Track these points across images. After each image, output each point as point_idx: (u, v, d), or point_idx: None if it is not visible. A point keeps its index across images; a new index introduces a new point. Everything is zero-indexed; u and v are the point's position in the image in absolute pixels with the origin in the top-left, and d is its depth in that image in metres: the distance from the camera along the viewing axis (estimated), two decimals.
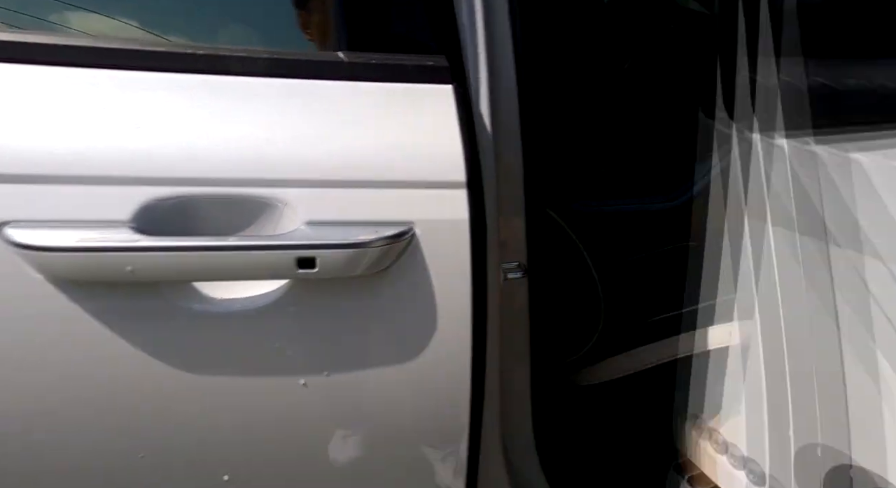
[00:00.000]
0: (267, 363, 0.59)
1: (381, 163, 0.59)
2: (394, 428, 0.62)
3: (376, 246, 0.56)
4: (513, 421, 0.78)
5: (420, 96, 0.61)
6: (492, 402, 0.67)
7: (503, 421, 0.77)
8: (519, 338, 0.73)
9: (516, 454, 0.79)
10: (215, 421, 0.60)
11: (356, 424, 0.62)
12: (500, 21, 0.64)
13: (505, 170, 0.67)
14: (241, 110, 0.59)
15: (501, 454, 0.74)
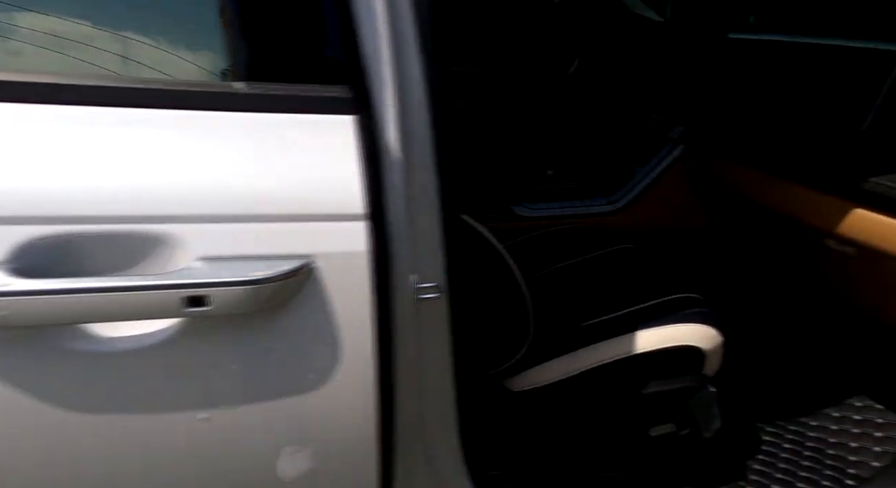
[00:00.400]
0: (164, 399, 0.57)
1: (279, 196, 0.58)
2: (301, 460, 0.61)
3: (272, 282, 0.54)
4: (439, 435, 0.78)
5: (321, 127, 0.60)
6: (412, 420, 0.67)
7: (428, 435, 0.78)
8: (441, 355, 0.73)
9: (443, 465, 0.80)
10: (113, 461, 0.58)
11: (261, 459, 0.61)
12: (409, 51, 0.63)
13: (419, 194, 0.66)
14: (130, 143, 0.56)
15: (426, 466, 0.74)
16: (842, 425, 1.34)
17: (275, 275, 0.54)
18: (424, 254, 0.68)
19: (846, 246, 1.10)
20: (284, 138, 0.59)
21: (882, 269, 1.06)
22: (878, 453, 1.25)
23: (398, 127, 0.63)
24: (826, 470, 1.24)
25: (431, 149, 0.67)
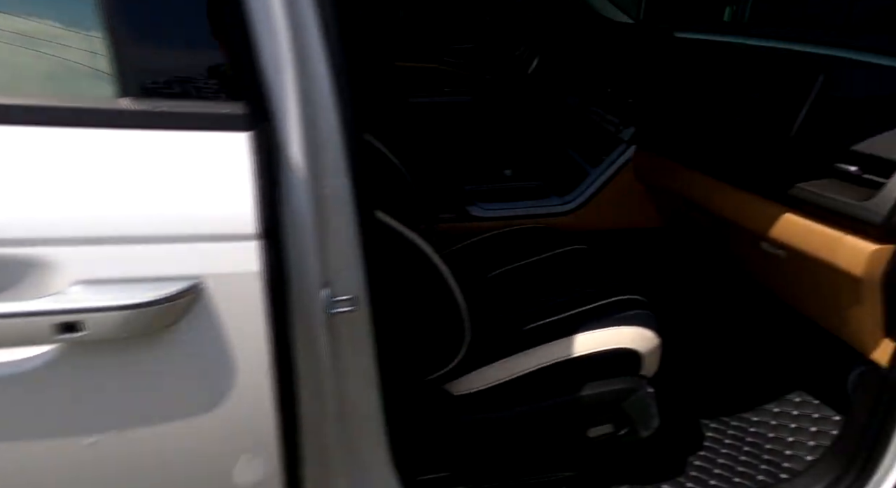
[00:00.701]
0: (45, 425, 0.57)
1: (165, 217, 0.57)
2: (198, 480, 0.62)
3: (152, 306, 0.54)
4: (367, 448, 0.80)
5: (211, 145, 0.59)
6: (323, 438, 0.68)
7: (355, 448, 0.79)
8: (364, 367, 0.74)
9: (374, 479, 0.81)
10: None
11: (154, 485, 0.61)
12: (314, 58, 0.62)
13: (330, 206, 0.66)
14: (2, 162, 0.55)
15: (348, 477, 0.75)
16: (780, 420, 1.38)
17: (155, 298, 0.54)
18: (338, 267, 0.68)
19: (778, 249, 1.13)
20: (170, 157, 0.58)
21: (810, 273, 1.09)
22: (812, 447, 1.30)
23: (303, 139, 0.62)
24: (762, 464, 1.29)
25: (344, 159, 0.66)
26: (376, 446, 0.80)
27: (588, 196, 1.63)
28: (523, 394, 1.08)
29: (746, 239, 1.23)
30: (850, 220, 0.95)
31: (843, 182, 0.99)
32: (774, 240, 1.12)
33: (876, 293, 0.97)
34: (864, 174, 0.95)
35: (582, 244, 1.52)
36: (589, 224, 1.67)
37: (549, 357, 1.08)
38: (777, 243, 1.12)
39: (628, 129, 1.57)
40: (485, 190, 1.76)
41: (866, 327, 1.02)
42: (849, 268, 0.97)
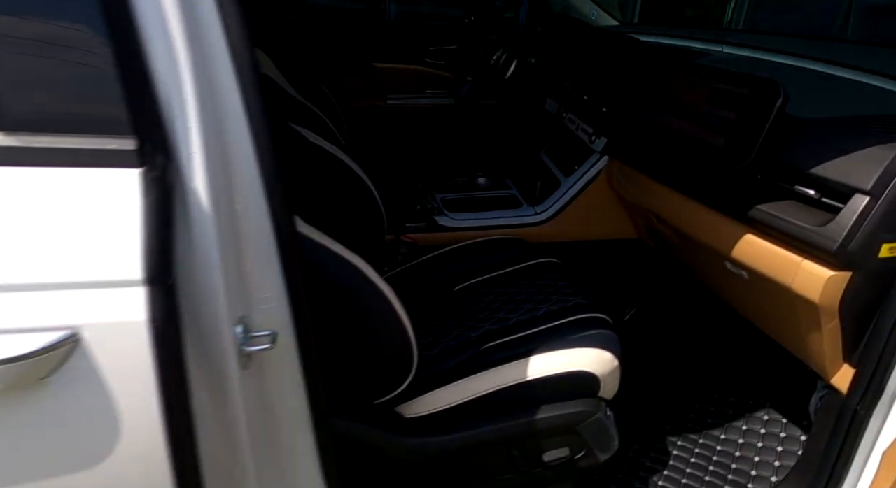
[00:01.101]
0: None
1: (40, 262, 0.53)
2: None
3: (21, 359, 0.50)
4: (301, 482, 0.78)
5: (97, 183, 0.55)
6: None
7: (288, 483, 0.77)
8: (294, 402, 0.72)
9: None
10: None
11: None
12: (222, 79, 0.59)
13: (246, 235, 0.63)
14: None
15: None
16: (747, 438, 1.37)
17: (22, 353, 0.51)
18: (256, 300, 0.65)
19: (741, 270, 1.11)
20: (48, 196, 0.54)
21: (771, 295, 1.07)
22: (777, 467, 1.28)
23: (210, 173, 0.59)
24: (727, 485, 1.27)
25: (261, 187, 0.63)
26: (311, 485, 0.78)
27: (560, 206, 1.60)
28: (476, 417, 1.06)
29: (711, 257, 1.21)
30: (807, 245, 0.92)
31: (803, 204, 0.96)
32: (736, 260, 1.09)
33: (834, 320, 0.95)
34: (823, 198, 0.92)
35: (553, 256, 1.49)
36: (561, 235, 1.64)
37: (504, 379, 1.06)
38: (739, 264, 1.10)
39: (601, 139, 1.54)
40: (456, 199, 1.73)
41: (826, 352, 1.00)
42: (806, 294, 0.94)
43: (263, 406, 0.69)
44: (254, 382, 0.66)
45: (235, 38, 0.60)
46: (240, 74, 0.60)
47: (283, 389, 0.71)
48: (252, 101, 0.62)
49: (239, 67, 0.60)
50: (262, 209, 0.63)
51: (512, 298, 1.32)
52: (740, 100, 1.01)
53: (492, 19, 2.16)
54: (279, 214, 0.65)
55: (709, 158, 1.06)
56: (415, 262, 1.50)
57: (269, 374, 0.68)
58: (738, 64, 1.48)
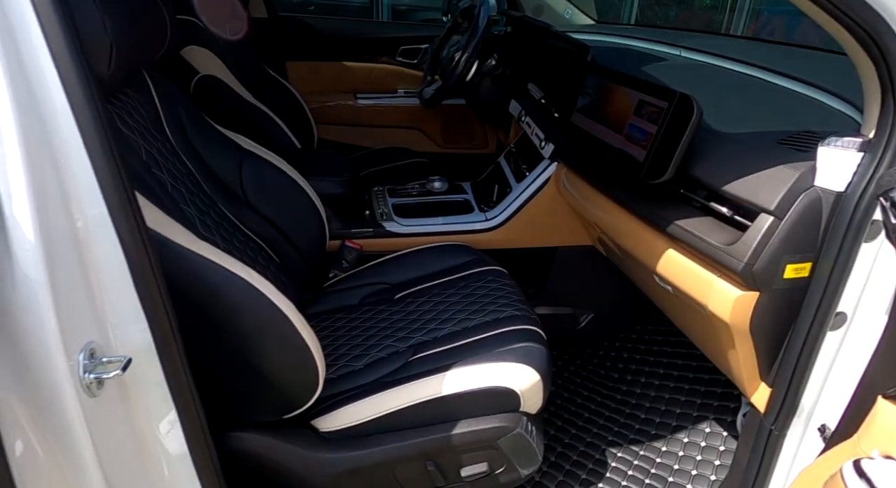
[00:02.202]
0: None
1: None
2: None
3: None
4: None
5: None
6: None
7: None
8: (163, 423, 0.71)
9: None
10: None
11: None
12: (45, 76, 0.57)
13: (92, 257, 0.60)
14: None
15: None
16: (688, 451, 1.35)
17: None
18: (111, 324, 0.64)
19: (666, 284, 1.09)
20: None
21: (693, 311, 1.05)
22: (713, 481, 1.27)
23: (30, 180, 0.55)
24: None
25: (102, 200, 0.61)
26: None
27: (510, 213, 1.59)
28: (393, 432, 1.05)
29: (644, 270, 1.19)
30: (718, 264, 0.91)
31: (719, 221, 0.94)
32: (660, 275, 1.08)
33: (747, 339, 0.93)
34: (735, 216, 0.90)
35: (505, 263, 1.48)
36: (511, 241, 1.62)
37: (423, 394, 1.05)
38: (663, 278, 1.08)
39: (550, 145, 1.52)
40: (408, 203, 1.72)
41: (743, 371, 0.98)
42: (718, 314, 0.93)
43: (131, 432, 0.68)
44: (113, 409, 0.65)
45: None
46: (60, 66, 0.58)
47: (151, 412, 0.70)
48: (81, 102, 0.59)
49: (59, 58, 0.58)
50: (107, 224, 0.62)
51: (448, 307, 1.31)
52: (660, 114, 0.99)
53: (463, 19, 2.14)
54: (127, 230, 0.63)
55: (633, 171, 1.04)
56: (359, 269, 1.49)
57: (134, 398, 0.68)
58: (687, 70, 1.45)
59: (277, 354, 0.90)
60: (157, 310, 0.66)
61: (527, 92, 1.90)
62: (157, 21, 1.01)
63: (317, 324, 1.34)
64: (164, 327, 0.68)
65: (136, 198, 0.64)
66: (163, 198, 0.95)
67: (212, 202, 1.16)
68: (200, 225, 1.05)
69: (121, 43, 0.82)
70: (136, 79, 1.09)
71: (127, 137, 0.95)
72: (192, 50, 1.63)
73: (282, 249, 1.33)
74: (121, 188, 0.62)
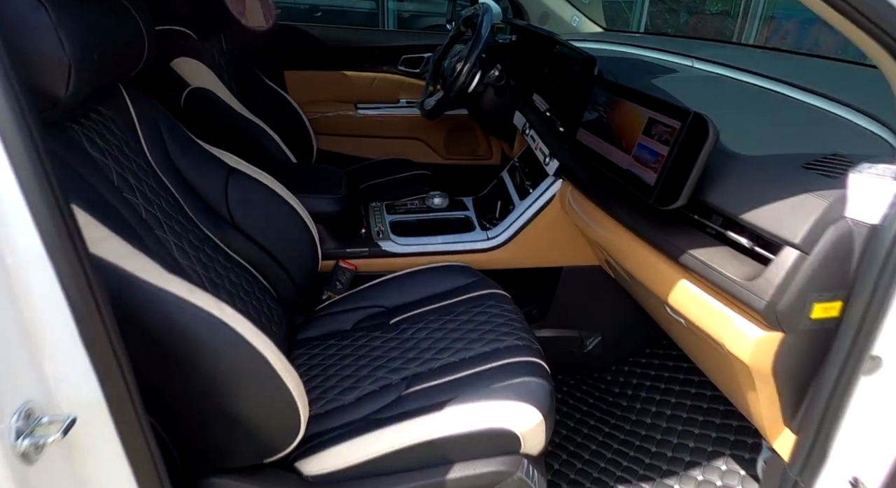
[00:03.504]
0: None
1: None
2: None
3: None
4: None
5: None
6: None
7: None
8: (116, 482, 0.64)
9: None
10: None
11: None
12: None
13: (29, 304, 0.54)
14: None
15: None
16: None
17: None
18: (54, 379, 0.57)
19: (679, 315, 1.01)
20: None
21: (709, 347, 0.96)
22: None
23: None
24: None
25: (38, 236, 0.54)
26: None
27: (513, 232, 1.51)
28: (384, 476, 0.98)
29: (654, 297, 1.11)
30: (737, 300, 0.82)
31: (737, 252, 0.86)
32: (672, 306, 0.99)
33: (769, 381, 0.84)
34: (756, 247, 0.82)
35: (507, 283, 1.40)
36: (514, 261, 1.54)
37: (416, 436, 0.98)
38: (675, 310, 1.00)
39: (555, 161, 1.44)
40: (406, 221, 1.64)
41: (765, 414, 0.90)
42: (737, 353, 0.84)
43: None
44: (55, 476, 0.58)
45: None
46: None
47: (103, 476, 0.63)
48: (8, 126, 0.52)
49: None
50: (42, 259, 0.55)
51: (446, 335, 1.23)
52: (672, 134, 0.91)
53: (466, 27, 2.07)
54: (67, 265, 0.56)
55: (642, 195, 0.96)
56: (354, 291, 1.42)
57: (82, 461, 0.61)
58: (700, 83, 1.37)
59: (254, 398, 0.82)
60: (106, 358, 0.59)
61: (532, 103, 1.83)
62: (131, 35, 0.95)
63: (307, 351, 1.26)
64: (116, 376, 0.60)
65: (77, 227, 0.57)
66: (133, 225, 0.89)
67: (192, 224, 1.09)
68: (177, 251, 0.98)
69: (83, 61, 0.76)
70: (111, 95, 1.03)
71: (96, 160, 0.88)
72: (183, 61, 1.57)
73: (269, 272, 1.26)
74: (58, 217, 0.55)
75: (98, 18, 0.83)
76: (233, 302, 1.06)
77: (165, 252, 0.94)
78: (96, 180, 0.85)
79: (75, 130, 0.87)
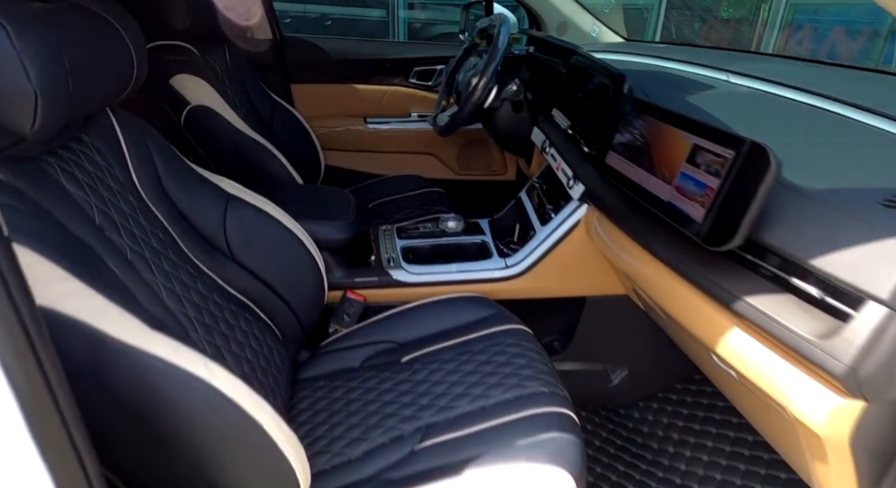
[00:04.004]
0: None
1: None
2: None
3: None
4: None
5: None
6: None
7: None
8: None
9: None
10: None
11: None
12: None
13: None
14: None
15: None
16: None
17: None
18: None
19: (729, 367, 0.89)
20: None
21: (769, 407, 0.85)
22: None
23: None
24: None
25: None
26: None
27: (534, 260, 1.40)
28: None
29: (695, 341, 0.99)
30: (807, 359, 0.71)
31: (803, 301, 0.75)
32: (721, 356, 0.88)
33: (845, 455, 0.73)
34: (827, 297, 0.71)
35: (521, 315, 1.29)
36: (535, 291, 1.44)
37: None
38: (725, 361, 0.88)
39: (580, 185, 1.33)
40: (418, 247, 1.54)
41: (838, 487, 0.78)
42: (805, 422, 0.73)
43: None
44: None
45: None
46: None
47: None
48: None
49: None
50: None
51: (463, 378, 1.12)
52: (724, 165, 0.80)
53: (481, 39, 1.97)
54: (11, 350, 0.46)
55: (688, 232, 0.85)
56: (362, 325, 1.32)
57: None
58: (741, 101, 1.25)
59: (249, 470, 0.72)
60: (65, 460, 0.49)
61: (551, 119, 1.73)
62: (117, 57, 0.86)
63: (311, 393, 1.16)
64: (76, 476, 0.50)
65: (29, 299, 0.47)
66: (115, 269, 0.79)
67: (185, 259, 1.00)
68: (166, 294, 0.88)
69: (53, 91, 0.66)
70: (96, 119, 0.94)
71: (74, 198, 0.79)
72: (183, 78, 1.48)
73: (271, 307, 1.16)
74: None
75: (75, 40, 0.74)
76: (228, 347, 0.96)
77: (152, 297, 0.84)
78: (73, 221, 0.76)
79: (50, 164, 0.78)
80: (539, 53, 2.01)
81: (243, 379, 0.96)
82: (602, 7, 2.20)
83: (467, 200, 2.53)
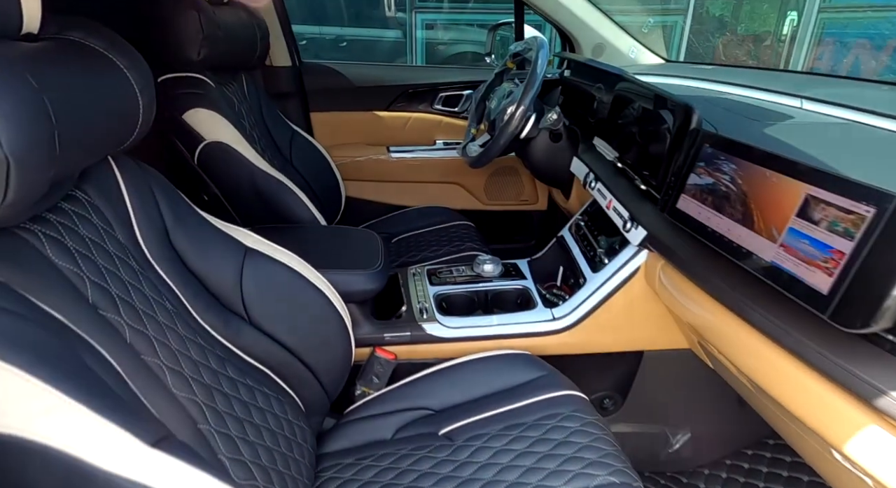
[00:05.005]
0: None
1: None
2: None
3: None
4: None
5: None
6: None
7: None
8: None
9: None
10: None
11: None
12: None
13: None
14: None
15: None
16: None
17: None
18: None
19: (856, 469, 0.72)
20: None
21: None
22: None
23: None
24: None
25: None
26: None
27: (585, 311, 1.24)
28: None
29: (797, 427, 0.83)
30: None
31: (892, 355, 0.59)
32: (843, 453, 0.71)
33: None
34: None
35: (575, 384, 1.13)
36: (587, 345, 1.28)
37: None
38: (848, 459, 0.71)
39: (639, 229, 1.18)
40: (453, 294, 1.39)
41: None
42: None
43: None
44: None
45: None
46: None
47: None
48: None
49: None
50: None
51: (514, 461, 0.96)
52: (856, 223, 0.65)
53: (514, 64, 1.84)
54: None
55: (808, 304, 0.69)
56: (393, 387, 1.17)
57: None
58: (840, 134, 1.09)
59: None
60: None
61: (593, 149, 1.58)
62: (119, 104, 0.73)
63: (338, 474, 1.01)
64: None
65: None
66: (109, 357, 0.65)
67: (195, 329, 0.86)
68: (171, 379, 0.74)
69: (29, 155, 0.53)
70: (97, 169, 0.81)
71: (61, 271, 0.65)
72: (196, 113, 1.36)
73: (292, 373, 1.02)
74: None
75: (65, 85, 0.61)
76: (243, 435, 0.81)
77: (154, 386, 0.70)
78: (58, 303, 0.62)
79: (34, 233, 0.65)
80: (575, 77, 1.87)
81: (260, 474, 0.81)
82: (640, 26, 2.06)
83: (496, 231, 2.39)
